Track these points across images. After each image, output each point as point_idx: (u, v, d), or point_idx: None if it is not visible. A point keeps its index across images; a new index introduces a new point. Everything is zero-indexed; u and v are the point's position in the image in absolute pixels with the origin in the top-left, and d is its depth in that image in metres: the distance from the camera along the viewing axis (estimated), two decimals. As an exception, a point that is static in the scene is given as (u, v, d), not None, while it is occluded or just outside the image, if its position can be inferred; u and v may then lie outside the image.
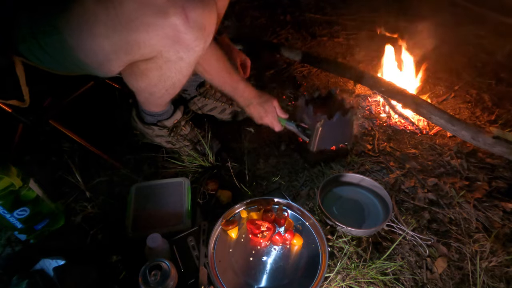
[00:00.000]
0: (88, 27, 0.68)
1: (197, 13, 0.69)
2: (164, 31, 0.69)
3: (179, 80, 0.87)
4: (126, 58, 0.75)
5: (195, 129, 1.16)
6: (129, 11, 0.65)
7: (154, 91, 0.91)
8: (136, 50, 0.72)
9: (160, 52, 0.75)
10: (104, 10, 0.65)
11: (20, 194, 0.81)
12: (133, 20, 0.66)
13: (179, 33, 0.70)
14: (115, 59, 0.75)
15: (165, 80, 0.86)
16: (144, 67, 0.81)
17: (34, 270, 0.79)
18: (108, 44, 0.70)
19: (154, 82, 0.86)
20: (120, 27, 0.67)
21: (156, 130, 1.09)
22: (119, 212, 0.96)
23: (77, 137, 1.10)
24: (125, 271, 0.83)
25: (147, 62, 0.79)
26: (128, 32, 0.68)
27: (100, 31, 0.68)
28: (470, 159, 1.19)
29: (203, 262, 0.84)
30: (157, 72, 0.82)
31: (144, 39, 0.70)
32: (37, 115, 1.00)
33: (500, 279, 0.87)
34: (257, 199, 0.97)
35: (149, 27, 0.68)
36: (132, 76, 0.86)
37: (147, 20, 0.66)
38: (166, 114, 1.08)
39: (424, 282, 0.86)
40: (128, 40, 0.69)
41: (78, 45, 0.71)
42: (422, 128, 1.35)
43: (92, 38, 0.69)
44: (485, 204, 1.04)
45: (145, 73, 0.83)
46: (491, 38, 1.87)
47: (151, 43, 0.71)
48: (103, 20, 0.66)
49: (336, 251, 0.91)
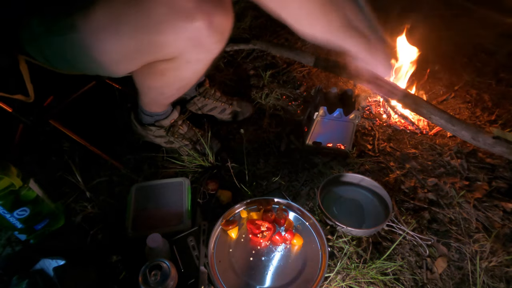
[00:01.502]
0: (115, 27, 0.70)
1: (220, 18, 0.72)
2: (189, 34, 0.72)
3: (192, 80, 0.90)
4: (148, 58, 0.78)
5: (194, 128, 1.16)
6: (159, 15, 0.68)
7: (165, 91, 0.94)
8: (159, 50, 0.75)
9: (181, 53, 0.77)
10: (134, 12, 0.68)
11: (20, 194, 0.81)
12: (162, 23, 0.69)
13: (203, 36, 0.73)
14: (136, 58, 0.77)
15: (180, 80, 0.89)
16: (163, 67, 0.83)
17: (34, 270, 0.79)
18: (133, 44, 0.72)
19: (170, 81, 0.89)
20: (148, 28, 0.70)
21: (154, 130, 1.09)
22: (119, 212, 0.96)
23: (77, 137, 1.10)
24: (125, 271, 0.83)
25: (167, 62, 0.81)
26: (155, 34, 0.71)
27: (126, 31, 0.70)
28: (470, 159, 1.19)
29: (203, 262, 0.84)
30: (174, 72, 0.84)
31: (169, 40, 0.72)
32: (37, 115, 1.01)
33: (500, 279, 0.87)
34: (257, 199, 0.97)
35: (175, 29, 0.70)
36: (148, 76, 0.88)
37: (175, 23, 0.69)
38: (164, 114, 1.08)
39: (424, 282, 0.86)
40: (154, 40, 0.72)
41: (98, 43, 0.72)
42: (422, 128, 1.35)
43: (117, 38, 0.71)
44: (485, 204, 1.04)
45: (163, 72, 0.85)
46: (491, 38, 1.87)
47: (176, 44, 0.74)
48: (132, 21, 0.69)
49: (336, 251, 0.91)
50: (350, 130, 1.12)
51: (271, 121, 1.35)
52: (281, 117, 1.37)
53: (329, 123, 1.10)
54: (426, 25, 1.52)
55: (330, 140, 1.15)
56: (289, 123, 1.34)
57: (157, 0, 0.67)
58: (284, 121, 1.35)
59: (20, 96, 0.89)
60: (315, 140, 1.15)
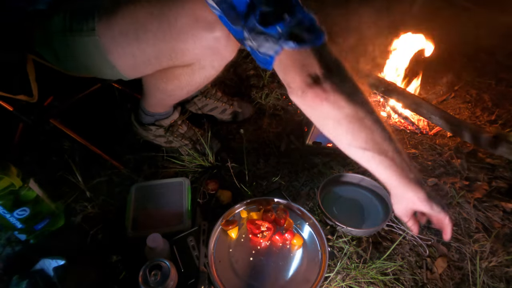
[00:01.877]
0: (135, 35, 0.72)
1: None
2: (208, 43, 0.75)
3: (202, 84, 0.92)
4: (165, 64, 0.80)
5: (193, 128, 1.16)
6: (182, 25, 0.71)
7: (175, 93, 0.96)
8: (179, 57, 0.78)
9: (198, 60, 0.81)
10: (157, 22, 0.71)
11: (20, 194, 0.81)
12: (184, 32, 0.72)
13: (221, 45, 0.76)
14: (153, 64, 0.80)
15: (192, 84, 0.91)
16: (179, 72, 0.86)
17: (34, 270, 0.79)
18: (153, 50, 0.75)
19: (182, 85, 0.91)
20: (170, 37, 0.73)
21: (154, 130, 1.09)
22: (119, 212, 0.96)
23: (77, 136, 1.10)
24: (125, 271, 0.83)
25: (183, 67, 0.84)
26: (176, 42, 0.74)
27: (147, 38, 0.73)
28: (470, 159, 1.19)
29: (203, 262, 0.84)
30: (189, 77, 0.87)
31: (189, 48, 0.75)
32: (38, 114, 1.01)
33: (500, 279, 0.87)
34: (257, 199, 0.97)
35: (196, 38, 0.73)
36: (162, 79, 0.90)
37: (197, 33, 0.73)
38: (165, 114, 1.08)
39: (424, 282, 0.86)
40: (175, 48, 0.75)
41: (117, 48, 0.75)
42: (422, 128, 1.35)
43: (137, 44, 0.74)
44: (485, 204, 1.04)
45: (177, 77, 0.88)
46: (491, 38, 1.87)
47: (195, 52, 0.77)
48: (153, 30, 0.72)
49: (336, 251, 0.91)
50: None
51: (271, 121, 1.35)
52: (281, 117, 1.37)
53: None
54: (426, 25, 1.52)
55: (330, 140, 1.14)
56: (289, 123, 1.34)
57: (180, 12, 0.70)
58: (284, 121, 1.35)
59: (23, 96, 0.90)
60: (315, 140, 1.15)
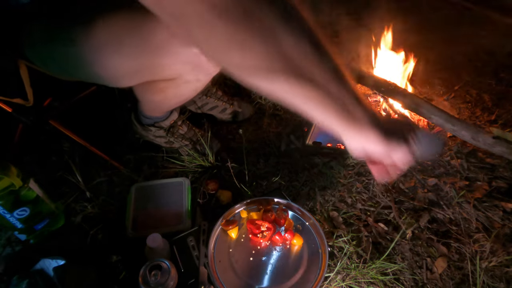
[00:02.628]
0: (113, 48, 0.70)
1: None
2: (189, 58, 0.72)
3: (191, 95, 0.91)
4: (147, 78, 0.79)
5: (193, 128, 1.16)
6: (158, 41, 0.68)
7: (165, 104, 0.96)
8: (159, 72, 0.76)
9: (180, 75, 0.78)
10: (134, 35, 0.68)
11: (20, 194, 0.81)
12: (161, 47, 0.69)
13: (202, 61, 0.73)
14: (135, 77, 0.78)
15: (180, 96, 0.90)
16: (163, 85, 0.84)
17: (34, 270, 0.79)
18: (132, 65, 0.73)
19: (169, 97, 0.90)
20: (148, 51, 0.70)
21: (154, 131, 1.09)
22: (119, 212, 0.96)
23: (77, 137, 1.10)
24: (125, 271, 0.83)
25: (166, 81, 0.82)
26: (155, 57, 0.71)
27: (125, 52, 0.70)
28: (470, 159, 1.19)
29: (203, 262, 0.84)
30: (174, 90, 0.86)
31: (169, 63, 0.73)
32: (38, 115, 1.01)
33: (500, 279, 0.87)
34: (257, 199, 0.97)
35: (175, 54, 0.71)
36: (148, 91, 0.89)
37: (175, 48, 0.70)
38: (163, 116, 1.08)
39: (424, 282, 0.86)
40: (154, 63, 0.73)
41: (97, 61, 0.72)
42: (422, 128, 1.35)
43: (116, 57, 0.71)
44: (485, 204, 1.04)
45: (163, 90, 0.86)
46: (491, 38, 1.87)
47: (175, 67, 0.75)
48: (132, 43, 0.69)
49: (336, 251, 0.91)
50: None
51: (271, 121, 1.35)
52: (281, 117, 1.37)
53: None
54: (426, 25, 1.52)
55: (330, 140, 1.15)
56: (289, 123, 1.34)
57: (156, 26, 0.66)
58: (284, 121, 1.35)
59: (19, 100, 0.89)
60: (315, 140, 1.15)
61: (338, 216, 1.00)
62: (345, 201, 1.05)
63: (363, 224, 0.98)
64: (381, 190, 1.07)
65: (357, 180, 1.11)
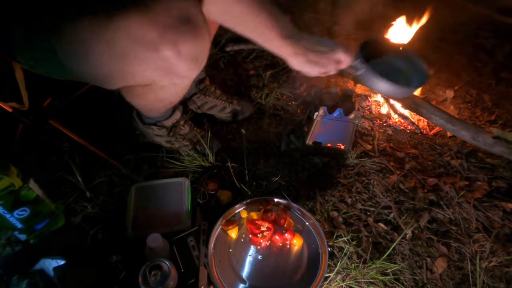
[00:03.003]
0: (85, 55, 0.69)
1: (189, 46, 0.69)
2: (157, 64, 0.70)
3: (176, 98, 0.90)
4: (122, 84, 0.78)
5: (195, 129, 1.16)
6: (121, 46, 0.66)
7: (152, 107, 0.95)
8: (131, 78, 0.74)
9: (154, 81, 0.77)
10: (98, 42, 0.66)
11: (20, 194, 0.81)
12: (126, 54, 0.67)
13: (172, 65, 0.70)
14: (112, 83, 0.77)
15: (162, 100, 0.89)
16: (141, 90, 0.83)
17: (34, 270, 0.79)
18: (104, 71, 0.72)
19: (151, 101, 0.90)
20: (115, 59, 0.68)
21: (156, 130, 1.09)
22: (119, 212, 0.96)
23: (77, 137, 1.10)
24: (125, 271, 0.83)
25: (143, 87, 0.81)
26: (122, 64, 0.69)
27: (95, 59, 0.69)
28: (470, 159, 1.19)
29: (203, 262, 0.84)
30: (153, 95, 0.85)
31: (137, 70, 0.71)
32: (37, 115, 1.00)
33: (500, 279, 0.87)
34: (257, 199, 0.97)
35: (142, 61, 0.68)
36: (130, 95, 0.89)
37: (140, 54, 0.67)
38: (165, 115, 1.08)
39: (424, 282, 0.86)
40: (123, 70, 0.71)
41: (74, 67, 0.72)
42: (422, 128, 1.35)
43: (88, 64, 0.70)
44: (485, 204, 1.04)
45: (142, 95, 0.86)
46: (491, 38, 1.87)
47: (145, 74, 0.73)
48: (98, 50, 0.67)
49: (336, 251, 0.91)
50: (350, 130, 1.12)
51: (271, 121, 1.35)
52: (281, 117, 1.37)
53: (329, 123, 1.10)
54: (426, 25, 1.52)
55: (330, 140, 1.15)
56: (289, 123, 1.34)
57: (118, 32, 0.64)
58: (284, 121, 1.35)
59: (15, 104, 0.88)
60: (315, 140, 1.15)
61: (338, 216, 1.00)
62: (345, 201, 1.05)
63: (363, 224, 0.99)
64: (381, 190, 1.08)
65: (357, 180, 1.11)
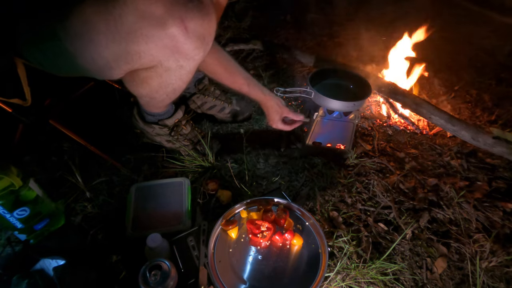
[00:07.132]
0: (89, 36, 0.68)
1: (197, 23, 0.69)
2: (163, 42, 0.69)
3: (180, 86, 0.88)
4: (126, 67, 0.77)
5: (196, 129, 1.16)
6: (128, 23, 0.66)
7: (155, 97, 0.93)
8: (136, 59, 0.74)
9: (160, 62, 0.76)
10: (104, 21, 0.66)
11: (20, 194, 0.81)
12: (132, 32, 0.67)
13: (179, 43, 0.70)
14: (115, 67, 0.76)
15: (166, 86, 0.87)
16: (145, 75, 0.82)
17: (34, 270, 0.79)
18: (108, 53, 0.71)
19: (155, 89, 0.88)
20: (120, 38, 0.68)
21: (157, 129, 1.09)
22: (119, 212, 0.96)
23: (77, 137, 1.10)
24: (125, 271, 0.83)
25: (147, 70, 0.80)
26: (127, 43, 0.69)
27: (100, 40, 0.69)
28: (470, 159, 1.19)
29: (203, 262, 0.84)
30: (158, 79, 0.83)
31: (143, 49, 0.70)
32: (37, 115, 1.00)
33: (500, 279, 0.87)
34: (257, 199, 0.97)
35: (148, 39, 0.68)
36: (133, 83, 0.88)
37: (147, 31, 0.67)
38: (167, 113, 1.08)
39: (424, 282, 0.86)
40: (128, 50, 0.70)
41: (78, 52, 0.72)
42: (422, 128, 1.35)
43: (92, 47, 0.70)
44: (485, 204, 1.04)
45: (146, 80, 0.84)
46: (491, 38, 1.87)
47: (151, 53, 0.72)
48: (103, 30, 0.67)
49: (336, 251, 0.91)
50: (350, 130, 1.12)
51: (271, 121, 1.35)
52: (281, 117, 1.37)
53: (329, 123, 1.10)
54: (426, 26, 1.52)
55: (330, 140, 1.15)
56: (289, 123, 1.33)
57: (124, 9, 0.64)
58: (284, 121, 1.35)
59: (17, 100, 0.88)
60: (315, 140, 1.15)
61: (338, 216, 1.00)
62: (345, 201, 1.05)
63: (363, 224, 0.99)
64: (381, 190, 1.08)
65: (357, 180, 1.11)
